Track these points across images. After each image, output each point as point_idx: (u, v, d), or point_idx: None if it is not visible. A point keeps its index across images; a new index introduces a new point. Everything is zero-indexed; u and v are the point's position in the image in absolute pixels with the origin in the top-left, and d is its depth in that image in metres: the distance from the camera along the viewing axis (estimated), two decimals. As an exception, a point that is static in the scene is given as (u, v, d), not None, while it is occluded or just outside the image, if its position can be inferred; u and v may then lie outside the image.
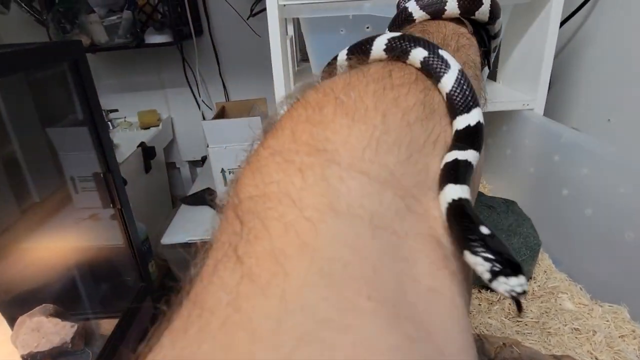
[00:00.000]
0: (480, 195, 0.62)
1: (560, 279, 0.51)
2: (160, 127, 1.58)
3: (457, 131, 0.19)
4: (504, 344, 0.38)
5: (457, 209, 0.17)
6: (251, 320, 0.11)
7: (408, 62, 0.20)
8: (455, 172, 0.18)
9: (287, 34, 0.81)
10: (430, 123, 0.18)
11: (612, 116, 0.71)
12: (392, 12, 0.61)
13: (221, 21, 1.52)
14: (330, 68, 0.23)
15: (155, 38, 1.34)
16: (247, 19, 1.41)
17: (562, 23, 0.78)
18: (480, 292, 0.50)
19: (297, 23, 0.88)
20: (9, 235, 1.00)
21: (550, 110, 0.88)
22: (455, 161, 0.18)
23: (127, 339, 0.91)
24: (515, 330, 0.44)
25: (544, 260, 0.55)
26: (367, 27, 0.67)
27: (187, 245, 1.08)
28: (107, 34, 1.33)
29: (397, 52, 0.20)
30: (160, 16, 1.37)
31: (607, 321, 0.44)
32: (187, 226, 1.10)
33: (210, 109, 1.62)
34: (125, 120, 1.61)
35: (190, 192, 1.25)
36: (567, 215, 0.56)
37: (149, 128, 1.58)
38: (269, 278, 0.12)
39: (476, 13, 0.25)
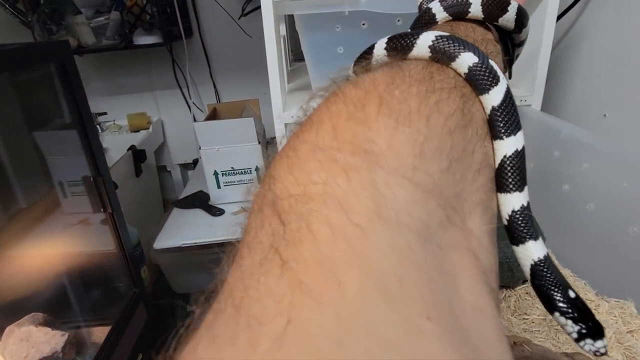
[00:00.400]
0: (481, 192, 0.62)
1: (565, 275, 0.51)
2: (150, 130, 1.56)
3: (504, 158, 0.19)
4: (514, 342, 0.37)
5: (543, 269, 0.19)
6: (309, 336, 0.10)
7: (452, 66, 0.19)
8: (529, 226, 0.20)
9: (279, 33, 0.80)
10: (469, 132, 0.18)
11: (608, 111, 0.71)
12: (388, 8, 0.60)
13: (211, 22, 1.51)
14: (366, 61, 0.22)
15: (144, 39, 1.31)
16: (239, 19, 1.39)
17: (559, 17, 0.78)
18: (485, 290, 0.49)
19: (289, 22, 0.87)
20: (-6, 242, 0.97)
21: (546, 105, 0.87)
22: (525, 212, 0.19)
23: (120, 347, 0.88)
24: (523, 328, 0.44)
25: (547, 257, 0.54)
26: (364, 24, 0.66)
27: (180, 250, 1.06)
28: (94, 36, 1.31)
29: (443, 53, 0.19)
30: (149, 17, 1.35)
31: (615, 317, 0.44)
32: (179, 230, 1.08)
33: (202, 111, 1.60)
34: (114, 124, 1.58)
35: (182, 196, 1.23)
36: (569, 211, 0.55)
37: (138, 131, 1.55)
38: (321, 290, 0.11)
39: (500, 20, 0.24)
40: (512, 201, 0.19)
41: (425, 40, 0.20)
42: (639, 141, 0.66)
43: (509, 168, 0.19)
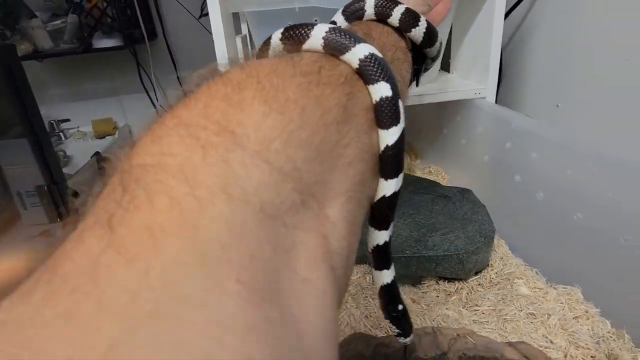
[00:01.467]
0: (437, 185, 0.62)
1: (516, 265, 0.51)
2: (116, 135, 1.52)
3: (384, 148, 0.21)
4: (457, 335, 0.37)
5: (388, 291, 0.27)
6: (104, 291, 0.11)
7: (343, 58, 0.20)
8: (384, 255, 0.25)
9: (241, 32, 0.78)
10: (346, 127, 0.19)
11: (561, 101, 0.73)
12: (339, 4, 0.60)
13: (176, 23, 1.48)
14: (264, 48, 0.23)
15: (103, 42, 1.28)
16: (199, 18, 1.37)
17: (509, 12, 0.79)
18: (437, 283, 0.49)
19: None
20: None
21: (504, 99, 0.89)
22: (383, 245, 0.25)
23: None
24: (473, 319, 0.44)
25: (501, 247, 0.55)
26: (316, 20, 0.65)
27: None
28: (51, 40, 1.26)
29: (335, 45, 0.20)
30: (110, 20, 1.32)
31: (562, 303, 0.44)
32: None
33: (169, 114, 1.57)
34: (78, 130, 1.53)
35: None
36: (521, 201, 0.56)
37: (104, 137, 1.51)
38: (138, 251, 0.12)
39: (411, 32, 0.27)
40: (384, 188, 0.22)
41: (319, 32, 0.20)
42: (589, 128, 0.67)
43: (386, 157, 0.21)
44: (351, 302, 0.48)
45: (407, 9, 0.27)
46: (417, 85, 0.32)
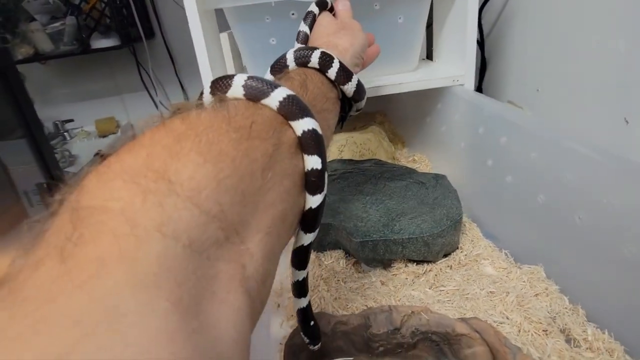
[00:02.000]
0: (413, 172, 0.63)
1: (484, 247, 0.52)
2: (119, 133, 1.56)
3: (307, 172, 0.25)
4: (412, 312, 0.38)
5: (304, 313, 0.34)
6: (59, 310, 0.13)
7: (263, 102, 0.24)
8: (304, 255, 0.30)
9: (229, 28, 0.80)
10: (270, 173, 0.22)
11: (540, 86, 0.73)
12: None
13: (173, 21, 1.50)
14: (200, 98, 0.26)
15: (102, 42, 1.31)
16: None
17: (485, 3, 0.80)
18: (407, 265, 0.51)
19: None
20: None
21: (488, 87, 0.90)
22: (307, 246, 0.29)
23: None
24: (437, 299, 0.45)
25: (472, 230, 0.56)
26: (293, 14, 0.66)
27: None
28: (51, 42, 1.30)
29: (254, 93, 0.23)
30: (108, 20, 1.35)
31: (524, 282, 0.46)
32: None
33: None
34: (82, 130, 1.58)
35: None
36: (492, 185, 0.57)
37: (107, 136, 1.55)
38: (85, 279, 0.14)
39: (344, 87, 0.32)
40: (310, 202, 0.26)
41: (239, 81, 0.24)
42: (567, 111, 0.68)
43: (311, 179, 0.25)
44: (323, 285, 0.50)
45: (341, 64, 0.32)
46: (341, 127, 0.36)
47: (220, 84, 0.24)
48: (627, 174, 0.37)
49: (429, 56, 0.86)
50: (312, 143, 0.24)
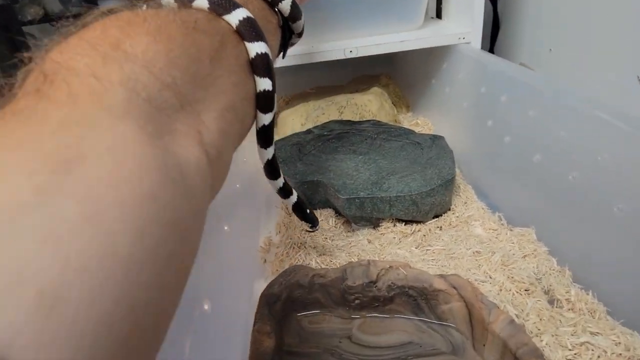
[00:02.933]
0: (411, 133, 0.62)
1: (477, 208, 0.51)
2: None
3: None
4: (390, 266, 0.38)
5: (299, 206, 0.41)
6: (42, 117, 0.15)
7: (224, 18, 0.25)
8: (273, 167, 0.34)
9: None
10: (218, 64, 0.23)
11: (553, 46, 0.69)
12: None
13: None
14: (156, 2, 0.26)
15: (108, 3, 1.30)
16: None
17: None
18: (395, 225, 0.50)
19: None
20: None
21: (500, 49, 0.85)
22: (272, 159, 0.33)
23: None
24: (422, 258, 0.45)
25: (466, 192, 0.55)
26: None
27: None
28: (60, 3, 1.30)
29: (220, 6, 0.24)
30: (114, -20, 1.33)
31: (513, 243, 0.44)
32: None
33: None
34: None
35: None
36: (490, 146, 0.55)
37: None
38: (64, 102, 0.16)
39: (279, 5, 0.31)
40: (262, 120, 0.28)
41: None
42: (579, 71, 0.64)
43: (263, 99, 0.27)
44: (310, 241, 0.49)
45: None
46: (282, 57, 0.37)
47: None
48: (622, 131, 0.35)
49: (438, 15, 0.82)
50: (264, 66, 0.26)
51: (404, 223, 0.50)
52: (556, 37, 0.68)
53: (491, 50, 0.86)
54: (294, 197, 0.40)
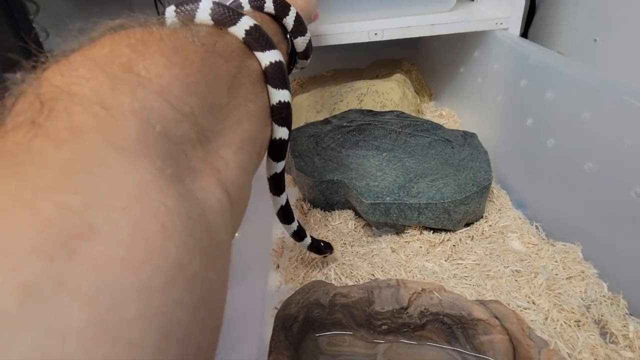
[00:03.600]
0: (439, 128, 0.56)
1: (514, 218, 0.46)
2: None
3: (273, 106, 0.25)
4: (422, 289, 0.33)
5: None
6: (41, 157, 0.12)
7: (231, 30, 0.23)
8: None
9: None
10: (234, 93, 0.21)
11: (598, 36, 0.62)
12: None
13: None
14: (161, 19, 0.25)
15: None
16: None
17: None
18: (422, 233, 0.45)
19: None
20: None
21: (536, 35, 0.78)
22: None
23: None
24: (453, 273, 0.40)
25: (500, 198, 0.50)
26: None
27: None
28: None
29: (222, 19, 0.23)
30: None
31: (556, 262, 0.40)
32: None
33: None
34: (98, 66, 1.53)
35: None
36: (529, 148, 0.49)
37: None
38: (64, 140, 0.13)
39: (297, 40, 0.32)
40: (278, 133, 0.26)
41: (205, 5, 0.23)
42: (627, 63, 0.58)
43: (279, 112, 0.25)
44: (327, 248, 0.45)
45: (298, 15, 0.31)
46: (289, 72, 0.36)
47: (186, 9, 0.23)
48: None
49: (469, -5, 0.75)
50: (279, 75, 0.24)
51: (431, 230, 0.45)
52: (603, 26, 0.61)
53: (524, 35, 0.79)
54: (308, 239, 0.38)
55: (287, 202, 0.34)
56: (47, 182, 0.11)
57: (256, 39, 0.23)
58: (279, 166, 0.30)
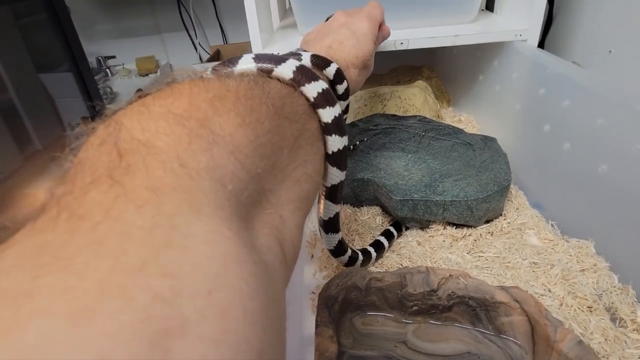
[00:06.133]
0: (460, 132, 0.60)
1: (531, 216, 0.50)
2: (158, 73, 1.56)
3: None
4: (450, 275, 0.37)
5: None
6: (122, 227, 0.12)
7: (302, 89, 0.24)
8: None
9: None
10: (295, 154, 0.22)
11: (614, 47, 0.66)
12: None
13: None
14: (229, 68, 0.25)
15: None
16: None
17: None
18: (445, 228, 0.49)
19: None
20: (11, 182, 1.04)
21: (552, 45, 0.82)
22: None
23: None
24: (475, 264, 0.44)
25: (518, 198, 0.54)
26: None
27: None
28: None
29: (299, 80, 0.24)
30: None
31: (570, 256, 0.43)
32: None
33: (208, 53, 1.58)
34: (124, 68, 1.59)
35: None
36: (546, 152, 0.53)
37: (147, 75, 1.56)
38: (144, 202, 0.13)
39: (325, 70, 0.32)
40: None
41: (290, 65, 0.24)
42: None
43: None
44: (358, 240, 0.49)
45: (348, 83, 0.34)
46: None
47: (268, 61, 0.24)
48: None
49: (489, 7, 0.79)
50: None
51: (454, 226, 0.49)
52: (619, 38, 0.65)
53: (540, 45, 0.83)
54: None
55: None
56: (135, 261, 0.11)
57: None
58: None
